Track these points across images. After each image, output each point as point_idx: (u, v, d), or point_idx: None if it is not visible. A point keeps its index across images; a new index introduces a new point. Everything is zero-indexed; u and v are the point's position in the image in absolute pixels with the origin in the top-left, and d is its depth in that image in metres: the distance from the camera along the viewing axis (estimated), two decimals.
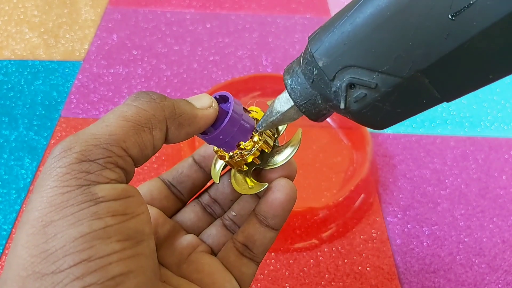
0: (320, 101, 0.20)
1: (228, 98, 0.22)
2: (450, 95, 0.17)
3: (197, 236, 0.25)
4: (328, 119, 0.52)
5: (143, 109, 0.18)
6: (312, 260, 0.40)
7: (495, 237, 0.43)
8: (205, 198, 0.26)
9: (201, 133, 0.22)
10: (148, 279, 0.17)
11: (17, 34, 0.63)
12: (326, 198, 0.44)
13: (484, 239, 0.42)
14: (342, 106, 0.19)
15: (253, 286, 0.38)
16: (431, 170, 0.48)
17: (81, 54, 0.60)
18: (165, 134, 0.19)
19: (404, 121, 0.20)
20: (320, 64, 0.18)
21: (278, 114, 0.21)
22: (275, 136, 0.24)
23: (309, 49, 0.19)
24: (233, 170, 0.24)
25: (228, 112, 0.22)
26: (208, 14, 0.68)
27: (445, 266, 0.40)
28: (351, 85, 0.18)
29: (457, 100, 0.17)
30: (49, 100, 0.54)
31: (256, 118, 0.24)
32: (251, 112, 0.24)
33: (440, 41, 0.16)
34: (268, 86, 0.54)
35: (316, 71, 0.19)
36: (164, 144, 0.20)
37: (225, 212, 0.25)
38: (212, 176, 0.25)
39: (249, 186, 0.23)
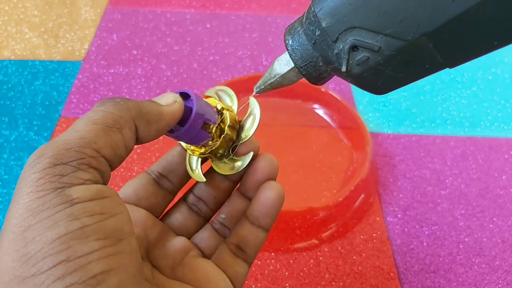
0: (321, 63, 0.19)
1: (189, 96, 0.23)
2: (453, 61, 0.17)
3: (189, 238, 0.25)
4: (328, 119, 0.52)
5: (109, 112, 0.19)
6: (312, 260, 0.40)
7: (495, 237, 0.43)
8: (190, 198, 0.26)
9: (168, 132, 0.22)
10: (131, 276, 0.17)
11: (17, 34, 0.63)
12: (326, 198, 0.44)
13: (484, 239, 0.43)
14: (343, 69, 0.18)
15: (253, 286, 0.38)
16: (431, 170, 0.48)
17: (81, 54, 0.60)
18: (135, 133, 0.20)
19: (404, 120, 0.19)
20: (324, 24, 0.18)
21: (277, 76, 0.21)
22: (235, 116, 0.25)
23: (313, 9, 0.19)
24: (214, 159, 0.25)
25: (191, 108, 0.22)
26: (208, 14, 0.68)
27: (445, 266, 0.40)
28: (354, 48, 0.18)
29: (457, 100, 0.17)
30: (49, 100, 0.54)
31: (215, 106, 0.24)
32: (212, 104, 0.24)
33: (448, 4, 0.15)
34: None
35: (319, 31, 0.18)
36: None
37: (211, 209, 0.26)
38: (196, 178, 0.25)
39: (234, 166, 0.24)
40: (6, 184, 0.45)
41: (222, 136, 0.24)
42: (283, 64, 0.21)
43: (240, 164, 0.24)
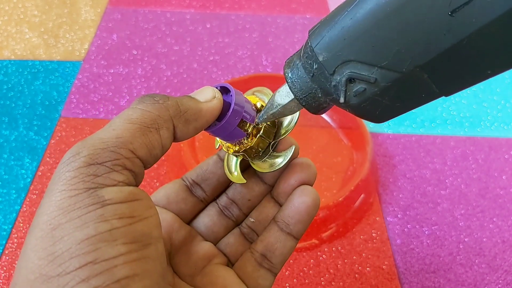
0: (320, 95, 0.20)
1: (229, 90, 0.22)
2: (449, 90, 0.18)
3: (215, 243, 0.25)
4: (328, 119, 0.52)
5: (147, 111, 0.19)
6: (312, 260, 0.40)
7: (495, 237, 0.43)
8: (223, 200, 0.25)
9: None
10: (155, 283, 0.17)
11: (17, 34, 0.63)
12: (326, 198, 0.44)
13: (484, 239, 0.43)
14: (341, 100, 0.19)
15: None
16: (431, 170, 0.48)
17: (81, 54, 0.60)
18: (172, 132, 0.19)
19: (404, 120, 0.20)
20: (321, 58, 0.19)
21: (279, 107, 0.22)
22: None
23: (310, 44, 0.19)
24: (249, 158, 0.24)
25: (230, 103, 0.22)
26: (208, 14, 0.68)
27: (445, 266, 0.40)
28: (350, 80, 0.18)
29: (457, 100, 0.17)
30: (49, 100, 0.54)
31: (255, 104, 0.24)
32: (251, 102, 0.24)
33: (440, 37, 0.16)
34: (268, 86, 0.54)
35: (316, 65, 0.19)
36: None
37: (243, 213, 0.25)
38: (234, 180, 0.24)
39: (274, 162, 0.23)
40: (6, 184, 0.45)
41: (259, 135, 0.23)
42: (284, 95, 0.22)
43: (281, 160, 0.23)
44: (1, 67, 0.58)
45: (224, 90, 0.23)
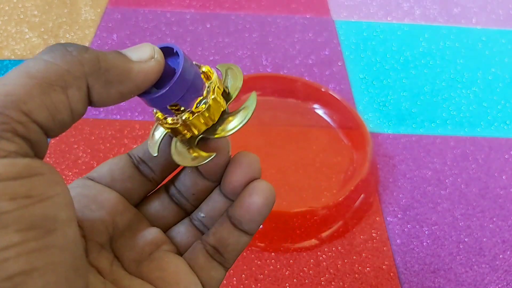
0: None
1: (175, 51, 0.18)
2: None
3: (165, 231, 0.22)
4: (328, 119, 0.52)
5: (54, 63, 0.15)
6: (312, 260, 0.40)
7: (495, 237, 0.43)
8: (171, 188, 0.23)
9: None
10: (62, 277, 0.13)
11: (17, 34, 0.63)
12: (326, 198, 0.44)
13: (484, 239, 0.43)
14: None
15: (253, 286, 0.38)
16: (431, 170, 0.48)
17: None
18: (86, 94, 0.15)
19: (404, 120, 0.19)
20: None
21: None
22: (227, 101, 0.21)
23: None
24: (174, 139, 0.21)
25: (175, 69, 0.18)
26: (208, 14, 0.68)
27: (445, 266, 0.40)
28: None
29: (457, 100, 0.17)
30: None
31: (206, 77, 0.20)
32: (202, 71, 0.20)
33: None
34: (268, 86, 0.54)
35: None
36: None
37: (191, 204, 0.23)
38: (149, 147, 0.21)
39: (192, 157, 0.20)
40: None
41: (201, 113, 0.19)
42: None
43: (200, 160, 0.19)
44: (1, 67, 0.58)
45: (169, 52, 0.18)
